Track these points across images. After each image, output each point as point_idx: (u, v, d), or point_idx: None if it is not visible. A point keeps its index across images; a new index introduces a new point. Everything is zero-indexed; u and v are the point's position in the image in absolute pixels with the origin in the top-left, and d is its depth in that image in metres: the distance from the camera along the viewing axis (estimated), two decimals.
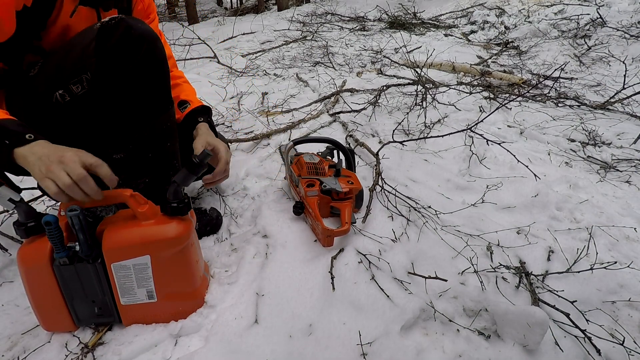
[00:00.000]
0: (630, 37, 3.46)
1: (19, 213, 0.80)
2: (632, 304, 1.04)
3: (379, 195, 1.41)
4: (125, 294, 0.88)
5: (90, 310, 0.89)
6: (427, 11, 6.05)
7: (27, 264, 0.82)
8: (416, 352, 0.87)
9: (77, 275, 0.85)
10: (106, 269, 0.85)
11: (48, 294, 0.85)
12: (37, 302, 0.87)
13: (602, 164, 1.78)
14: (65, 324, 0.90)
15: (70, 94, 0.92)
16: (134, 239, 0.84)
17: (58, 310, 0.87)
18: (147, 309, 0.91)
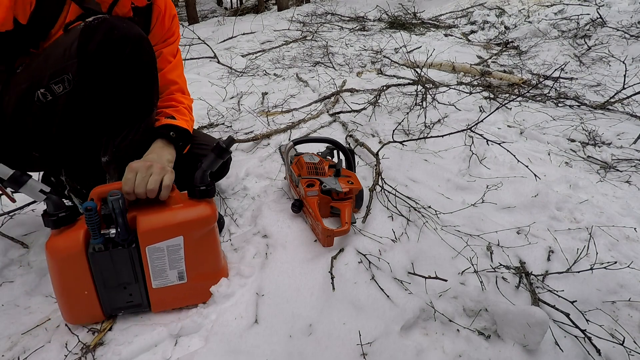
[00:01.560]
0: (630, 37, 3.47)
1: (49, 204, 0.82)
2: (632, 304, 1.03)
3: (379, 195, 1.41)
4: (157, 276, 0.90)
5: (120, 297, 0.89)
6: (427, 11, 6.05)
7: (60, 253, 0.82)
8: (416, 352, 0.87)
9: (111, 262, 0.85)
10: (140, 253, 0.87)
11: (80, 284, 0.85)
12: (66, 293, 0.86)
13: (602, 164, 1.78)
14: (94, 314, 0.90)
15: (52, 93, 0.92)
16: (168, 221, 0.88)
17: (88, 300, 0.87)
18: (177, 291, 0.93)
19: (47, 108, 0.93)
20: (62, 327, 0.94)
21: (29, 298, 1.04)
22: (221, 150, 0.93)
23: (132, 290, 0.90)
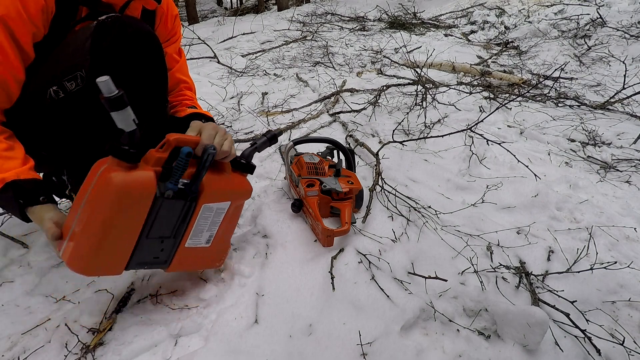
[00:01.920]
0: (630, 37, 3.47)
1: (131, 136, 0.77)
2: (632, 304, 1.04)
3: (379, 195, 1.41)
4: (194, 235, 0.90)
5: (152, 251, 0.85)
6: (427, 11, 6.05)
7: (131, 190, 0.74)
8: (416, 352, 0.87)
9: (169, 211, 0.83)
10: (194, 210, 0.87)
11: (128, 227, 0.78)
12: (104, 236, 0.75)
13: (602, 164, 1.78)
14: (115, 266, 0.81)
15: (65, 90, 0.92)
16: (227, 185, 0.92)
17: (123, 247, 0.80)
18: (198, 254, 0.94)
19: (58, 106, 0.93)
20: (62, 327, 0.94)
21: (29, 298, 1.04)
22: (273, 136, 1.03)
23: (166, 246, 0.87)
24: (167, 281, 1.08)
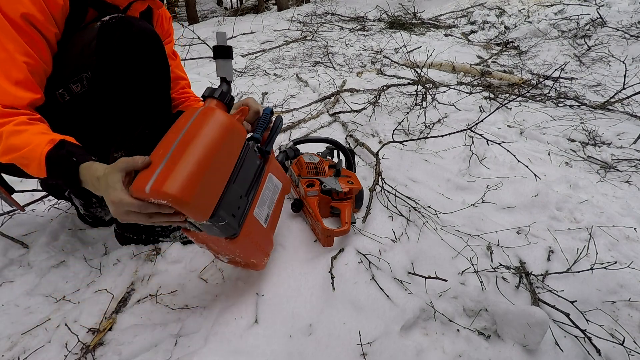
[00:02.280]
0: (630, 37, 3.47)
1: (228, 85, 0.90)
2: (632, 304, 1.04)
3: (379, 195, 1.41)
4: (260, 204, 0.91)
5: (233, 203, 0.81)
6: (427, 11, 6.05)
7: (230, 125, 0.79)
8: (416, 352, 0.87)
9: (249, 162, 0.87)
10: (262, 174, 0.92)
11: (222, 163, 0.77)
12: (203, 164, 0.72)
13: (602, 164, 1.78)
14: (208, 202, 0.75)
15: (70, 93, 0.92)
16: (279, 167, 1.00)
17: (216, 182, 0.77)
18: (256, 234, 0.90)
19: (64, 108, 0.94)
20: (62, 327, 0.94)
21: (29, 298, 1.04)
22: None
23: (241, 204, 0.84)
24: (167, 281, 1.08)
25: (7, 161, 0.79)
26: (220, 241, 0.85)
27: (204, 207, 0.73)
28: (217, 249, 0.90)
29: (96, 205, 1.27)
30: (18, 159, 0.79)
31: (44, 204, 1.45)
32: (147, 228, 1.17)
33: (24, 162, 0.79)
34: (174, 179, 0.68)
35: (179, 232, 1.20)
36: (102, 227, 1.33)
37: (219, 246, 0.88)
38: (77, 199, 1.25)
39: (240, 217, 0.84)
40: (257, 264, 0.95)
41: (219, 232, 0.81)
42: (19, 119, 0.79)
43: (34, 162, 0.78)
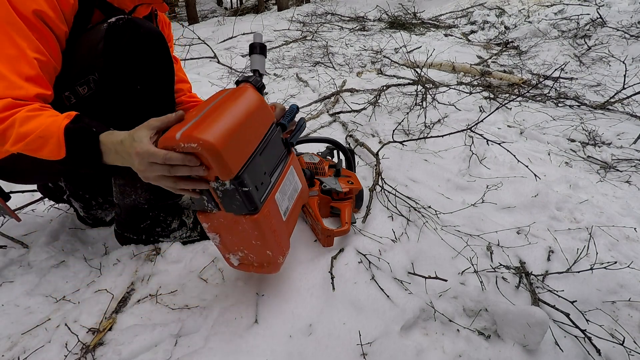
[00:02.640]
0: (630, 37, 3.47)
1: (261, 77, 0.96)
2: (632, 304, 1.04)
3: (379, 195, 1.41)
4: (281, 191, 0.89)
5: (258, 175, 0.81)
6: (427, 11, 6.05)
7: (262, 101, 0.85)
8: (416, 352, 0.87)
9: (274, 144, 0.88)
10: (286, 164, 0.92)
11: (251, 131, 0.80)
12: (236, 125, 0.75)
13: (602, 164, 1.78)
14: (238, 157, 0.75)
15: (76, 95, 0.92)
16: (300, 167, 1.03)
17: (245, 145, 0.78)
18: (275, 222, 0.86)
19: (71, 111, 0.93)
20: (62, 327, 0.94)
21: (29, 298, 1.04)
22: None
23: (265, 180, 0.83)
24: (167, 281, 1.08)
25: (19, 149, 0.77)
26: (237, 225, 0.81)
27: (232, 162, 0.72)
28: (230, 241, 0.87)
29: (96, 207, 1.27)
30: (33, 140, 0.76)
31: (44, 204, 1.45)
32: (147, 228, 1.17)
33: (40, 143, 0.76)
34: (206, 128, 0.69)
35: (179, 232, 1.20)
36: (102, 227, 1.33)
37: (233, 235, 0.85)
38: (77, 202, 1.25)
39: (263, 194, 0.82)
40: (272, 261, 0.88)
41: (239, 204, 0.77)
42: (32, 106, 0.78)
43: (52, 139, 0.75)
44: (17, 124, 0.75)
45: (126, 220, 1.16)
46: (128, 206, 1.11)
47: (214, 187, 0.75)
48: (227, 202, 0.78)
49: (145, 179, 0.73)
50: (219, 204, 0.79)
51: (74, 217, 1.35)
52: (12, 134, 0.76)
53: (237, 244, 0.87)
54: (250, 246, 0.86)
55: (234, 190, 0.75)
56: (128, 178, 1.05)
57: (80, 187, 1.21)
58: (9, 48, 0.77)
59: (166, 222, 1.18)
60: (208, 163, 0.70)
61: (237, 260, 0.91)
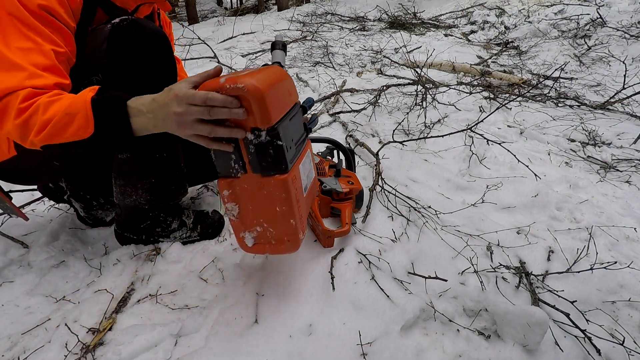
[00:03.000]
0: (630, 37, 3.47)
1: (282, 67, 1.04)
2: (632, 304, 1.04)
3: (379, 195, 1.41)
4: (302, 164, 0.88)
5: (289, 136, 0.81)
6: (427, 11, 6.05)
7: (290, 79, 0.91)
8: (416, 352, 0.87)
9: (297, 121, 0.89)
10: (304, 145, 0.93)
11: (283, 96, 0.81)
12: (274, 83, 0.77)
13: (602, 164, 1.78)
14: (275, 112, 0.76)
15: None
16: None
17: (281, 104, 0.79)
18: (300, 192, 0.84)
19: None
20: (62, 327, 0.94)
21: (29, 298, 1.04)
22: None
23: (292, 146, 0.83)
24: (167, 281, 1.08)
25: (44, 136, 0.75)
26: (262, 189, 0.79)
27: (272, 110, 0.72)
28: (249, 213, 0.82)
29: (96, 207, 1.27)
30: (59, 120, 0.74)
31: (44, 204, 1.45)
32: (148, 228, 1.17)
33: (66, 121, 0.74)
34: (249, 77, 0.70)
35: (179, 232, 1.20)
36: (102, 227, 1.33)
37: (255, 202, 0.81)
38: (77, 202, 1.25)
39: (291, 157, 0.80)
40: (293, 235, 0.83)
41: (270, 160, 0.75)
42: (53, 92, 0.77)
43: (79, 115, 0.74)
44: (40, 110, 0.74)
45: (126, 220, 1.16)
46: (128, 206, 1.11)
47: (248, 140, 0.73)
48: (258, 160, 0.76)
49: (182, 125, 0.72)
50: (247, 163, 0.76)
51: (74, 217, 1.35)
52: (36, 121, 0.74)
53: (257, 216, 0.82)
54: (272, 216, 0.81)
55: (268, 143, 0.73)
56: (129, 179, 1.05)
57: (81, 188, 1.21)
58: (23, 42, 0.77)
59: (166, 222, 1.18)
60: (250, 107, 0.69)
61: (252, 240, 0.86)
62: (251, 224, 0.84)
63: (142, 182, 1.05)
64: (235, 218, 0.84)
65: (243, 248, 0.88)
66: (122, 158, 1.02)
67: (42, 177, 1.08)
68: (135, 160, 1.02)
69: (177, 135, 0.76)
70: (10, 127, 0.76)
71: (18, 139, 0.79)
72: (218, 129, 0.72)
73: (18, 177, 1.04)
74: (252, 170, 0.77)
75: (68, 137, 0.76)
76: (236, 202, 0.82)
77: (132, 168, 1.03)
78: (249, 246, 0.87)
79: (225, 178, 0.80)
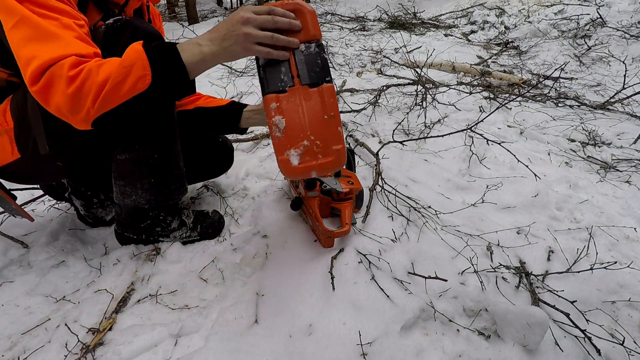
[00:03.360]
0: (630, 37, 3.47)
1: None
2: (632, 304, 1.04)
3: (379, 195, 1.41)
4: None
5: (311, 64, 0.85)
6: (427, 11, 6.05)
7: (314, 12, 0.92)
8: (416, 352, 0.87)
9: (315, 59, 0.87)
10: None
11: None
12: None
13: (602, 164, 1.78)
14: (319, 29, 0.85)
15: None
16: None
17: None
18: None
19: None
20: (62, 327, 0.94)
21: (29, 298, 1.04)
22: None
23: None
24: (167, 281, 1.08)
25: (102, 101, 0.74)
26: (309, 99, 0.82)
27: (319, 27, 0.83)
28: (296, 126, 0.82)
29: (97, 205, 1.27)
30: (116, 76, 0.74)
31: (44, 204, 1.45)
32: (147, 228, 1.17)
33: (124, 74, 0.74)
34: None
35: (179, 232, 1.20)
36: (102, 227, 1.33)
37: (302, 113, 0.82)
38: (78, 199, 1.25)
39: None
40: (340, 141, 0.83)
41: (318, 71, 0.82)
42: (96, 58, 0.77)
43: (136, 64, 0.74)
44: (93, 73, 0.73)
45: (126, 220, 1.16)
46: (128, 206, 1.11)
47: (300, 52, 0.82)
48: (307, 70, 0.82)
49: (248, 39, 0.77)
50: (295, 76, 0.82)
51: (74, 217, 1.35)
52: (92, 85, 0.73)
53: (303, 128, 0.82)
54: (319, 126, 0.82)
55: (316, 54, 0.82)
56: (128, 179, 1.05)
57: (82, 184, 1.22)
58: (50, 21, 0.76)
59: (166, 221, 1.18)
60: (304, 20, 0.81)
61: (297, 158, 0.82)
62: (297, 138, 0.82)
63: (142, 182, 1.05)
64: (281, 134, 0.82)
65: (288, 169, 0.82)
66: (122, 159, 1.02)
67: (46, 177, 1.08)
68: (135, 160, 1.02)
69: (238, 56, 0.80)
70: (60, 100, 0.73)
71: (69, 112, 0.75)
72: (279, 37, 0.79)
73: (21, 178, 1.05)
74: (301, 81, 0.82)
75: (125, 95, 0.75)
76: (283, 115, 0.82)
77: (131, 168, 1.03)
78: (295, 165, 0.82)
79: (273, 93, 0.82)
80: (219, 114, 1.27)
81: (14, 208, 1.06)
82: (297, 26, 0.80)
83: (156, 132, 1.02)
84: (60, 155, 0.99)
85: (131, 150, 1.01)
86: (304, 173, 0.83)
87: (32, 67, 0.72)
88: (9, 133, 0.94)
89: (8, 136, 0.94)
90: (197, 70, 0.80)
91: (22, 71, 0.74)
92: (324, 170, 0.84)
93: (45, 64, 0.72)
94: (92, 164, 1.12)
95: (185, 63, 0.78)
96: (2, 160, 0.96)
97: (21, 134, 0.93)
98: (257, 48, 0.78)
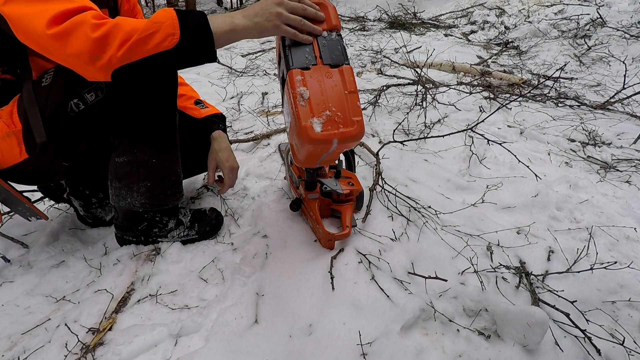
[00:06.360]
0: (630, 37, 3.46)
1: None
2: (632, 304, 1.03)
3: (379, 195, 1.41)
4: None
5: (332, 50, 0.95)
6: (427, 11, 6.05)
7: None
8: (416, 352, 0.87)
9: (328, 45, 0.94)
10: None
11: None
12: None
13: (602, 164, 1.78)
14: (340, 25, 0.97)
15: (84, 102, 0.92)
16: None
17: None
18: None
19: (79, 118, 0.94)
20: (62, 327, 0.94)
21: (29, 298, 1.04)
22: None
23: None
24: (167, 281, 1.08)
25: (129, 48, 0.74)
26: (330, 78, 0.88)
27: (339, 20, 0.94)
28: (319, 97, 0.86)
29: (96, 205, 1.27)
30: (145, 29, 0.74)
31: (44, 204, 1.45)
32: (145, 230, 1.17)
33: (154, 29, 0.75)
34: None
35: (176, 231, 1.20)
36: (102, 227, 1.33)
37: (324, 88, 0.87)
38: (77, 200, 1.25)
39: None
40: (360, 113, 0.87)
41: (338, 54, 0.90)
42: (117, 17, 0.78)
43: (166, 22, 0.76)
44: (120, 24, 0.74)
45: (123, 223, 1.16)
46: (124, 209, 1.11)
47: (322, 37, 0.91)
48: (328, 53, 0.90)
49: (279, 19, 0.85)
50: (318, 57, 0.90)
51: (74, 217, 1.35)
52: (119, 32, 0.74)
53: (326, 100, 0.86)
54: (340, 100, 0.87)
55: (337, 41, 0.92)
56: (124, 181, 1.05)
57: (81, 183, 1.22)
58: None
59: (162, 222, 1.18)
60: (328, 12, 0.92)
61: (320, 126, 0.84)
62: (320, 108, 0.85)
63: (138, 186, 1.05)
64: (305, 102, 0.85)
65: (310, 135, 0.83)
66: (119, 161, 1.02)
67: (52, 177, 1.08)
68: (133, 163, 1.02)
69: (266, 33, 0.88)
70: (81, 44, 0.73)
71: (90, 58, 0.75)
72: (306, 22, 0.87)
73: (27, 179, 1.05)
74: (323, 62, 0.90)
75: (151, 49, 0.76)
76: (307, 87, 0.86)
77: (128, 171, 1.03)
78: (318, 131, 0.84)
79: (297, 69, 0.88)
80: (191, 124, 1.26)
81: (28, 209, 1.06)
82: (321, 17, 0.90)
83: (157, 136, 1.02)
84: (67, 156, 1.00)
85: (130, 153, 1.01)
86: (326, 140, 0.85)
87: (54, 11, 0.73)
88: (17, 135, 0.94)
89: (16, 138, 0.95)
90: (223, 39, 0.86)
91: (35, 21, 0.74)
92: (344, 139, 0.86)
93: (70, 10, 0.73)
94: (93, 165, 1.12)
95: (214, 31, 0.82)
96: (10, 161, 0.97)
97: (30, 135, 0.94)
98: (286, 28, 0.86)
